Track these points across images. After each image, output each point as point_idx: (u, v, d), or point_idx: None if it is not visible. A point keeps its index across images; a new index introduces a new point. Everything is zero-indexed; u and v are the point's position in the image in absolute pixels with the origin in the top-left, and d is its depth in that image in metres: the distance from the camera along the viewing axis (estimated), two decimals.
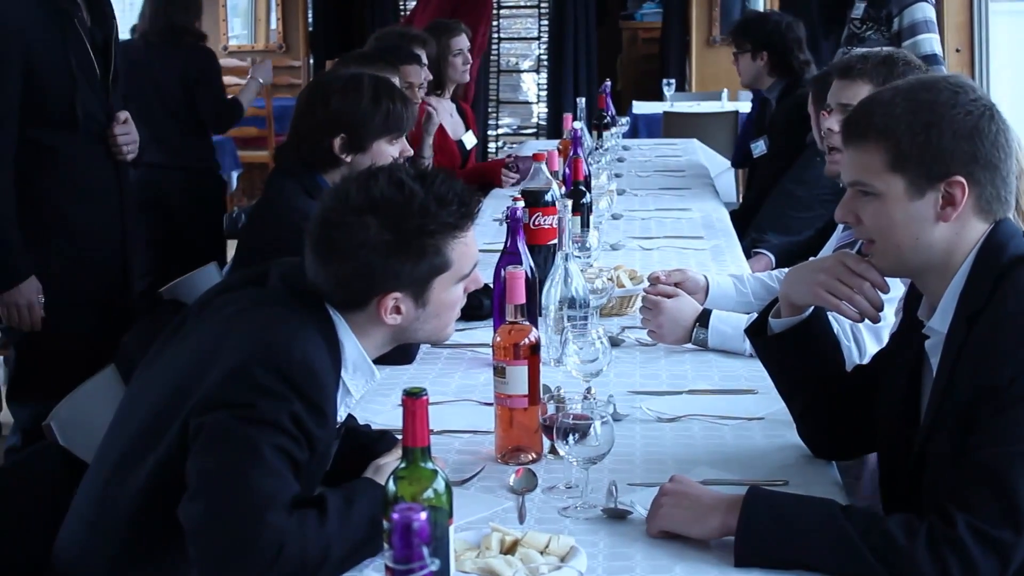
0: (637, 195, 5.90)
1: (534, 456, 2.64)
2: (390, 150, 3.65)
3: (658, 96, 10.30)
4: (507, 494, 2.47)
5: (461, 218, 2.33)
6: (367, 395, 3.08)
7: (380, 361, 3.31)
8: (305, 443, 2.17)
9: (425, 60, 5.81)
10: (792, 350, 2.62)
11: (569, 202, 3.79)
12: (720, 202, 5.85)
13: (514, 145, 10.73)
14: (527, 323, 2.67)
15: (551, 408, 2.48)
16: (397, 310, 2.34)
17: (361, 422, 2.78)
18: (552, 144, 6.76)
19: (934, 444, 2.21)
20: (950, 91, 2.25)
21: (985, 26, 6.47)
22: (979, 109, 2.24)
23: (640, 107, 9.92)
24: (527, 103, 12.42)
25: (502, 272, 3.25)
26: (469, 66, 6.66)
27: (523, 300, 2.67)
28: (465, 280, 2.41)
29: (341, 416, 2.40)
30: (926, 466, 2.24)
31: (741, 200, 6.96)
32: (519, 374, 2.62)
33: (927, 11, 6.21)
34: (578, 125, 4.93)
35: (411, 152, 3.74)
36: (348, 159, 3.64)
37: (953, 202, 2.23)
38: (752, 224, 5.31)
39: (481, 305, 3.72)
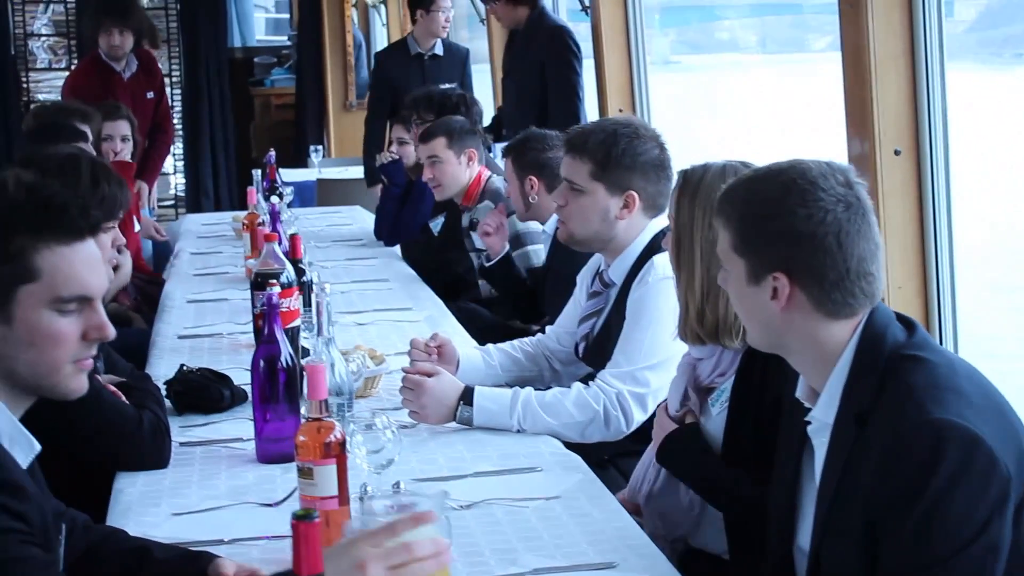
0: (326, 267, 5.74)
1: None
2: None
3: (302, 163, 10.18)
4: None
5: (52, 222, 2.07)
6: (135, 507, 2.88)
7: (132, 467, 3.10)
8: (25, 524, 1.99)
9: (90, 136, 5.56)
10: None
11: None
12: (413, 271, 5.74)
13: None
14: (331, 419, 2.52)
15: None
16: None
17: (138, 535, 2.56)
18: (237, 214, 6.54)
19: (828, 548, 2.17)
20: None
21: (644, 86, 6.71)
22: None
23: (289, 175, 9.75)
24: (164, 174, 12.02)
25: (261, 363, 3.09)
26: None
27: (326, 395, 2.51)
28: (72, 313, 2.08)
29: None
30: (820, 568, 2.19)
31: None
32: (328, 474, 2.46)
33: None
34: (276, 200, 4.77)
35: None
36: None
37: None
38: None
39: (222, 397, 3.52)
